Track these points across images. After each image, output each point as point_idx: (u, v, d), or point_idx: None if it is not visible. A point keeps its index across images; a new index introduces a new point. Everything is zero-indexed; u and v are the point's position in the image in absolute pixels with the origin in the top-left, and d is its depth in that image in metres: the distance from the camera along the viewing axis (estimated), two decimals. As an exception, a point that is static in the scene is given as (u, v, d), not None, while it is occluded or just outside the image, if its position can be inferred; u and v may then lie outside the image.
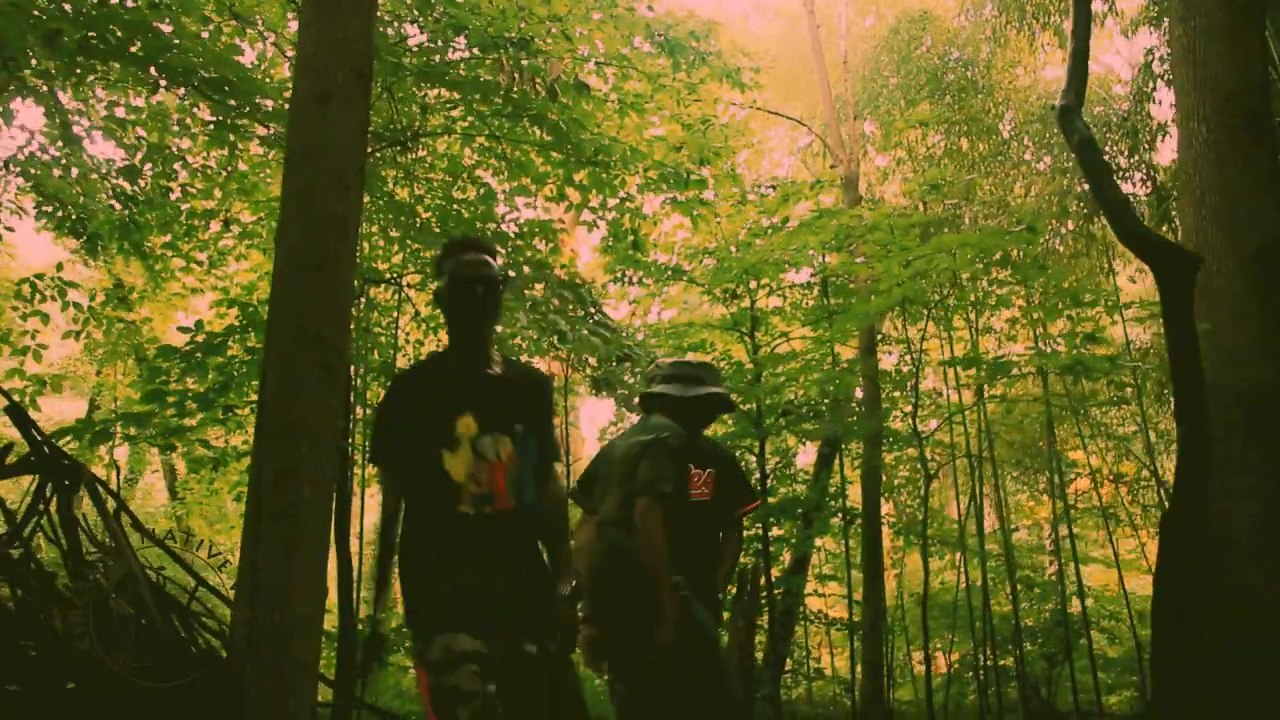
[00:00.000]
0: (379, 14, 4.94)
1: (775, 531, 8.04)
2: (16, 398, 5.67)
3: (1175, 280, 2.97)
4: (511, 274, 6.45)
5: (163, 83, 5.14)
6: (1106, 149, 9.99)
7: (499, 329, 7.57)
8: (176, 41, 4.70)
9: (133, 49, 4.56)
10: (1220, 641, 3.80)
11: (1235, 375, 5.06)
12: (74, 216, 6.70)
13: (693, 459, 3.31)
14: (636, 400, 3.49)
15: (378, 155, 6.36)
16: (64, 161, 6.52)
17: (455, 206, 7.01)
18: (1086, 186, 9.87)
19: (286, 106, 4.86)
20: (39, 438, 4.04)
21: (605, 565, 3.09)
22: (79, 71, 5.51)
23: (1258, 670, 4.22)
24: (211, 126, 5.57)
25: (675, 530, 2.98)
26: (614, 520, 3.16)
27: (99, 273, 8.32)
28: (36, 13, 4.34)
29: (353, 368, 6.19)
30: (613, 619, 3.04)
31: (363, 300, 6.86)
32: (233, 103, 5.12)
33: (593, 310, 6.04)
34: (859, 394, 8.62)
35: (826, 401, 8.16)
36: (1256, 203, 5.38)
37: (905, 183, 9.97)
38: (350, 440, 6.38)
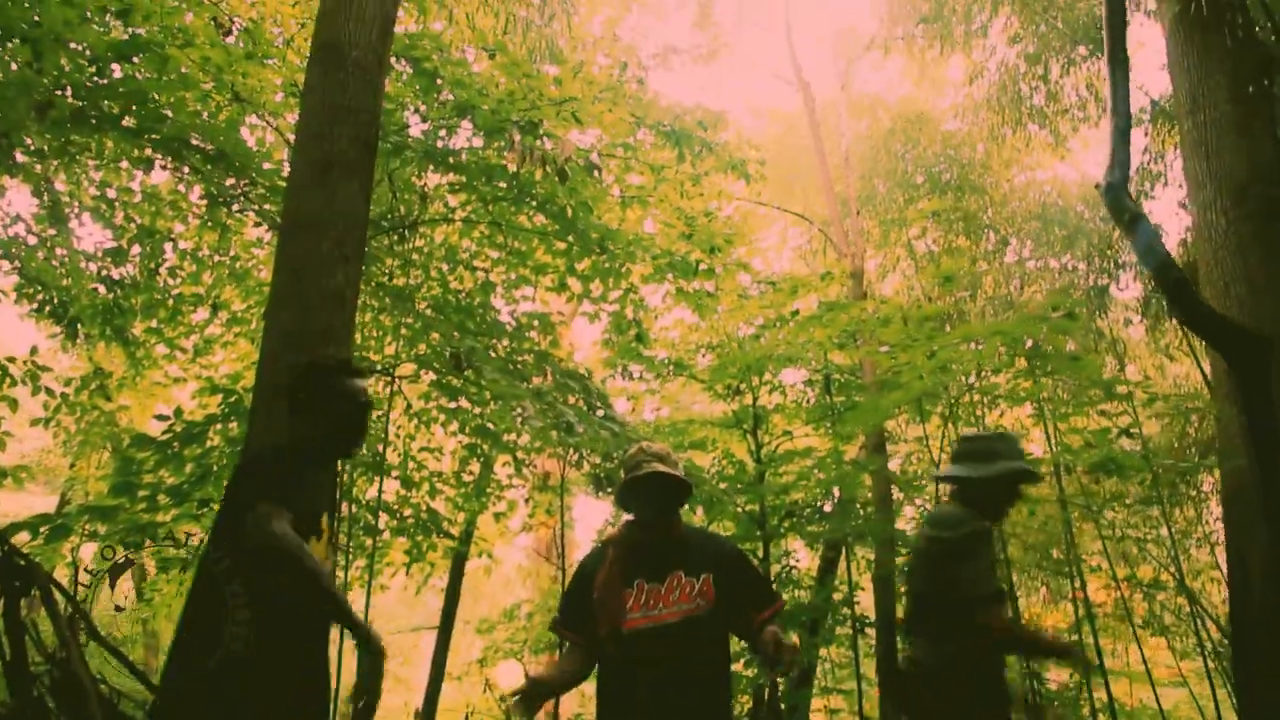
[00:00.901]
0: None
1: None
2: (-26, 490, 5.26)
3: (1249, 363, 2.74)
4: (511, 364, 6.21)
5: (157, 159, 4.96)
6: (1105, 249, 10.02)
7: (491, 424, 7.35)
8: (172, 117, 4.53)
9: (127, 122, 4.38)
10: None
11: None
12: (56, 300, 6.43)
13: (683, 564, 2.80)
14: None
15: (375, 244, 6.18)
16: (49, 244, 6.29)
17: (452, 296, 6.81)
18: (1097, 281, 9.86)
19: (285, 185, 4.67)
20: (-10, 533, 3.65)
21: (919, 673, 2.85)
22: (72, 150, 5.35)
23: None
24: (205, 205, 5.35)
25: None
26: (911, 625, 2.93)
27: (78, 359, 8.01)
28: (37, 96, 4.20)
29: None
30: None
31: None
32: (230, 181, 4.93)
33: (597, 403, 5.74)
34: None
35: (833, 501, 7.81)
36: None
37: (906, 278, 9.90)
38: (334, 538, 5.97)
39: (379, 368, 6.95)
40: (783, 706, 7.24)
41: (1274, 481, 2.61)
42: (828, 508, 7.89)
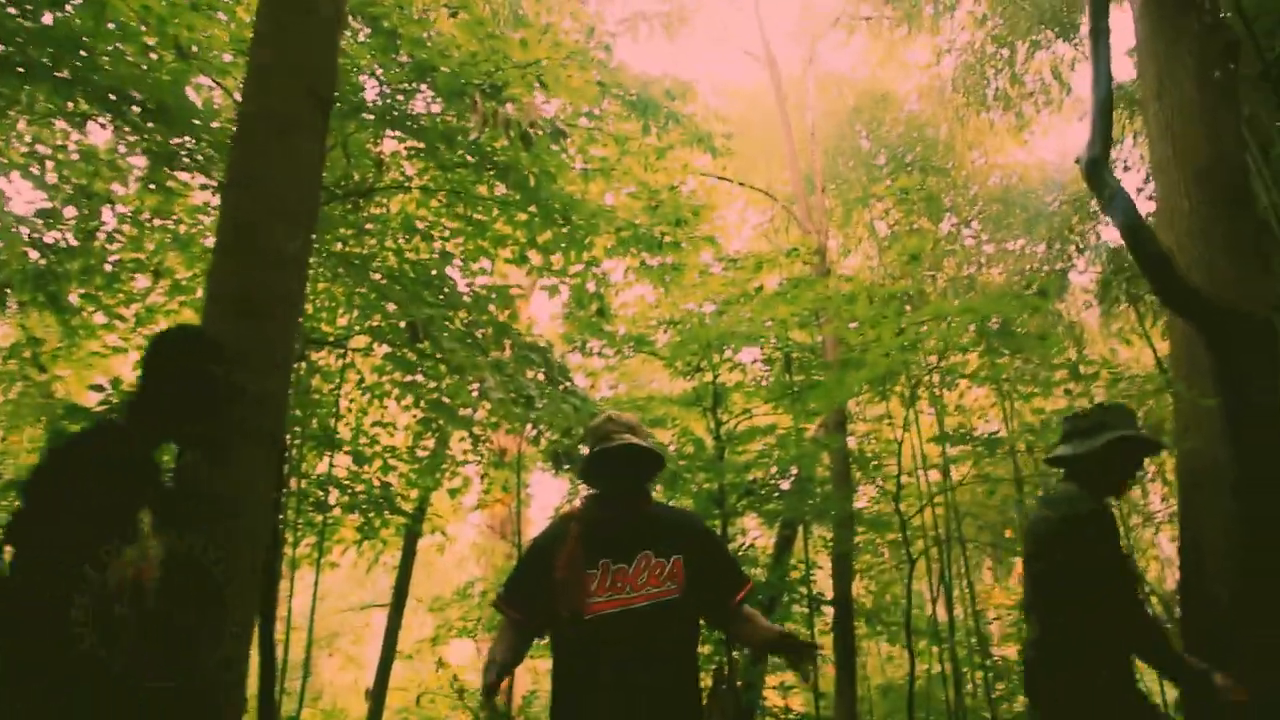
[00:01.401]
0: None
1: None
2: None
3: (1225, 340, 2.71)
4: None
5: (95, 117, 4.65)
6: (1066, 233, 10.10)
7: (446, 399, 7.16)
8: (110, 69, 4.24)
9: (60, 74, 4.09)
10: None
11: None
12: (-17, 264, 6.06)
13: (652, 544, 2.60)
14: None
15: (327, 211, 5.94)
16: (-25, 204, 5.92)
17: (408, 266, 6.58)
18: (1056, 264, 9.94)
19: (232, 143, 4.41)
20: (-92, 509, 3.41)
21: (1039, 655, 2.82)
22: (-1, 104, 5.01)
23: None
24: (147, 166, 5.05)
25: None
26: (1028, 604, 2.89)
27: (10, 327, 7.62)
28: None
29: (288, 435, 5.64)
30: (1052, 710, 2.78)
31: (303, 364, 6.35)
32: (175, 141, 4.64)
33: (559, 377, 5.60)
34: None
35: (791, 479, 7.79)
36: (1242, 273, 5.31)
37: (867, 258, 9.88)
38: (282, 516, 5.77)
39: (330, 340, 6.73)
40: (739, 683, 7.24)
41: (1246, 461, 2.59)
42: (785, 486, 7.88)
